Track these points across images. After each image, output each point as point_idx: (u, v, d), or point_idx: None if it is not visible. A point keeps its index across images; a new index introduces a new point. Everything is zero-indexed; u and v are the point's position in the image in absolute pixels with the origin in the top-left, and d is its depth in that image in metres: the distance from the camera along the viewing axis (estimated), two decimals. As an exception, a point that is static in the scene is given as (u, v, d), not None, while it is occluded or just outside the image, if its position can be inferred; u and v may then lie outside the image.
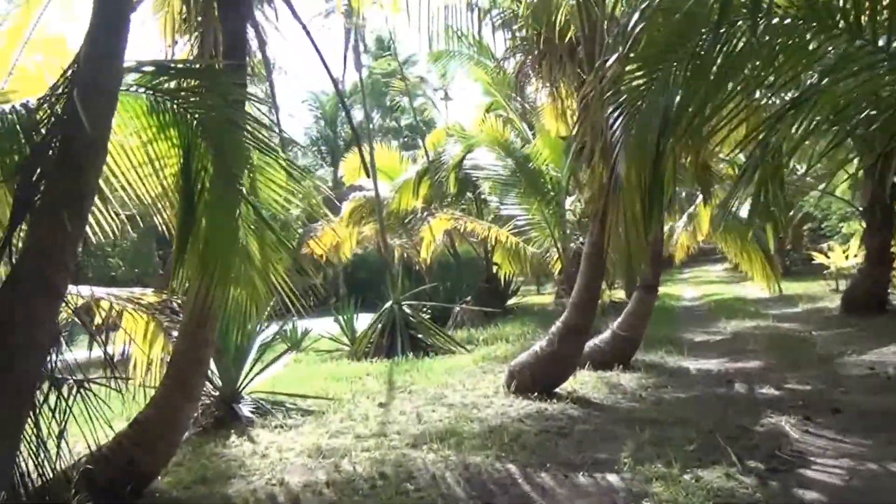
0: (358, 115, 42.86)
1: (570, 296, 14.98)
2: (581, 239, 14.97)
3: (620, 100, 4.58)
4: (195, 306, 5.51)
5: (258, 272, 5.53)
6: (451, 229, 16.37)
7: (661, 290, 20.19)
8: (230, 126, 5.56)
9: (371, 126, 41.41)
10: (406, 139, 40.83)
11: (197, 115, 5.42)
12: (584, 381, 9.05)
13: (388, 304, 13.32)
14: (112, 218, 5.76)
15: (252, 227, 5.54)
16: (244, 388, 8.54)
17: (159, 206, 5.83)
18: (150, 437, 5.57)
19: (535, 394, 8.21)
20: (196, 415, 7.67)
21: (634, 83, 4.48)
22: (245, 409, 8.04)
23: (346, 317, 14.79)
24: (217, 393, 8.27)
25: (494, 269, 19.86)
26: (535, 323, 16.38)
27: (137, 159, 5.61)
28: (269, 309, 6.11)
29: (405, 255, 20.95)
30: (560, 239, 14.83)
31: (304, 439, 7.08)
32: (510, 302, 20.89)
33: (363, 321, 14.61)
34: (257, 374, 8.84)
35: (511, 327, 15.72)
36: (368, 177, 17.89)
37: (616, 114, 4.63)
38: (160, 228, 5.93)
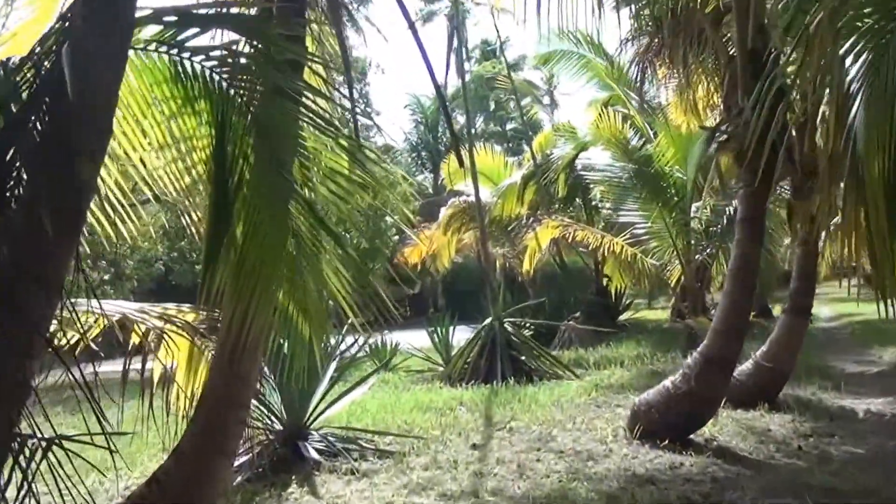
0: (460, 120, 41.83)
1: (692, 313, 13.24)
2: (709, 250, 13.17)
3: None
4: (229, 332, 4.19)
5: (311, 288, 4.15)
6: (559, 238, 14.77)
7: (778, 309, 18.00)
8: (278, 97, 4.24)
9: (473, 130, 40.18)
10: (511, 144, 39.40)
11: (234, 83, 4.13)
12: (723, 425, 7.33)
13: (488, 320, 11.82)
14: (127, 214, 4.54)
15: (306, 229, 4.17)
16: (312, 421, 7.23)
17: (188, 202, 4.58)
18: (172, 499, 4.28)
19: (666, 441, 6.57)
20: (252, 455, 6.42)
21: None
22: (311, 449, 6.71)
23: (441, 333, 13.37)
24: (281, 428, 7.00)
25: (604, 281, 18.13)
26: (652, 343, 14.60)
27: (157, 141, 4.37)
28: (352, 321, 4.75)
29: (507, 265, 19.55)
30: (683, 250, 13.01)
31: (378, 493, 5.70)
32: (621, 318, 19.12)
33: (461, 335, 13.15)
34: (331, 403, 7.54)
35: (625, 348, 14.02)
36: (466, 168, 16.60)
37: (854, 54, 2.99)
38: (189, 230, 4.70)
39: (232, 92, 4.14)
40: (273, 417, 6.98)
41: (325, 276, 4.21)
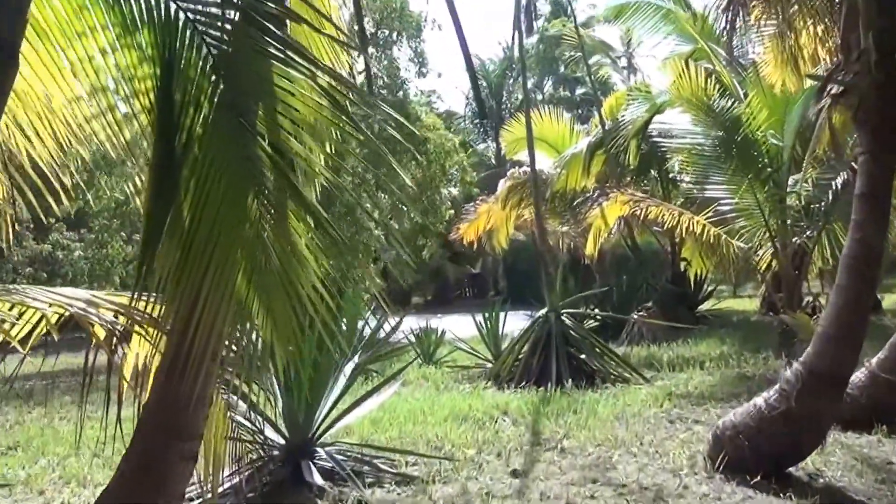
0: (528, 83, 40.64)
1: (787, 306, 12.06)
2: (809, 231, 11.93)
3: None
4: (172, 337, 3.39)
5: (276, 280, 3.31)
6: (629, 215, 13.68)
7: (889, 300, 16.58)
8: (242, 25, 3.44)
9: (541, 96, 39.03)
10: (581, 111, 38.09)
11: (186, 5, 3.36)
12: (830, 454, 6.29)
13: (542, 311, 10.89)
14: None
15: (274, 202, 3.34)
16: (322, 433, 6.45)
17: (129, 162, 3.79)
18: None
19: (758, 476, 5.58)
20: (240, 478, 5.65)
21: None
22: (315, 472, 5.90)
23: (490, 323, 12.49)
24: (282, 441, 6.22)
25: (682, 266, 17.01)
26: (738, 340, 13.53)
27: (88, 81, 3.59)
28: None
29: (571, 245, 18.62)
30: (777, 231, 11.81)
31: (388, 535, 4.88)
32: (701, 309, 18.09)
33: (520, 322, 12.09)
34: (347, 409, 6.74)
35: (706, 345, 12.98)
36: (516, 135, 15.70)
37: None
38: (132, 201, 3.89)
39: (182, 18, 3.36)
40: (272, 428, 6.20)
41: (297, 266, 3.35)
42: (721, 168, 12.37)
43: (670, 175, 17.38)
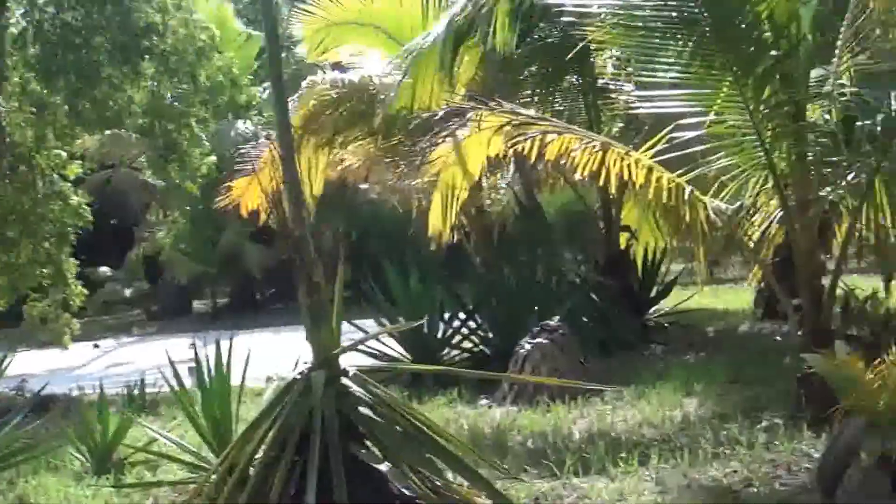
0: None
1: (811, 313, 9.03)
2: (850, 176, 9.33)
3: None
4: None
5: None
6: (510, 151, 10.34)
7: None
8: None
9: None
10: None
11: None
12: None
13: (296, 370, 7.00)
14: None
15: None
16: None
17: None
18: None
19: None
20: None
21: None
22: None
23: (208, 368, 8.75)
24: None
25: (624, 240, 15.17)
26: (718, 386, 10.50)
27: None
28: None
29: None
30: (792, 175, 9.27)
31: None
32: (655, 313, 15.73)
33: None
34: None
35: (656, 400, 9.88)
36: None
37: None
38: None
39: None
40: None
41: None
42: (677, 54, 9.64)
43: (599, 82, 15.14)
